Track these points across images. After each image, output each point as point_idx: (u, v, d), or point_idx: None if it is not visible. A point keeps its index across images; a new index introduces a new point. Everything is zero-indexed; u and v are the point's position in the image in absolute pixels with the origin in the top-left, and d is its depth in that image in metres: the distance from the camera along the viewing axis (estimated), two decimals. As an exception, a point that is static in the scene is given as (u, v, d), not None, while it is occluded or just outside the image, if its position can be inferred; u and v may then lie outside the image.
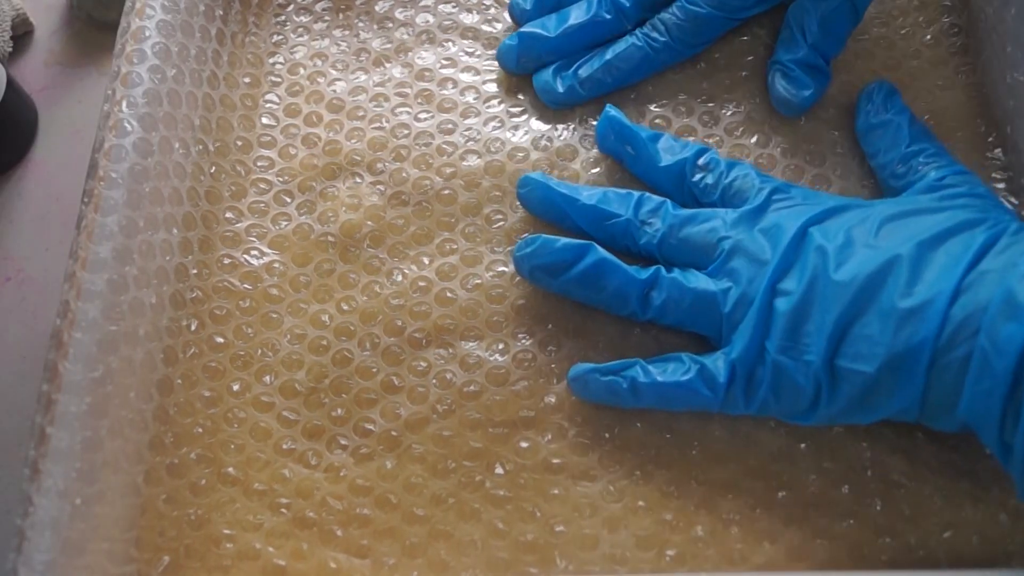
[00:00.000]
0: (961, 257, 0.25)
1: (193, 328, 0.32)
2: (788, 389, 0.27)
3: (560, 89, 0.35)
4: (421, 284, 0.33)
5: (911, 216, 0.28)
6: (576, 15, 0.36)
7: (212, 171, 0.35)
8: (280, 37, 0.39)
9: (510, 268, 0.33)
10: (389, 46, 0.39)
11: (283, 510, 0.30)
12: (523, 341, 0.32)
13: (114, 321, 0.29)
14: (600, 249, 0.30)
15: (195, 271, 0.33)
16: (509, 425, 0.31)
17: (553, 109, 0.36)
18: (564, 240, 0.30)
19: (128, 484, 0.29)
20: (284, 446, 0.31)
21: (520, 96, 0.37)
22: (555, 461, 0.30)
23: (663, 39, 0.35)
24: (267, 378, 0.32)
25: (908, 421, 0.27)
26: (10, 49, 0.44)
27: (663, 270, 0.30)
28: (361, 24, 0.39)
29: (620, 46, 0.35)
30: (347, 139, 0.36)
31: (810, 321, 0.27)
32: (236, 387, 0.32)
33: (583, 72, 0.35)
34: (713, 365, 0.28)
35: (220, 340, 0.32)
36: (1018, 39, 0.32)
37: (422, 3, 0.40)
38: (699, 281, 0.29)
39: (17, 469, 0.34)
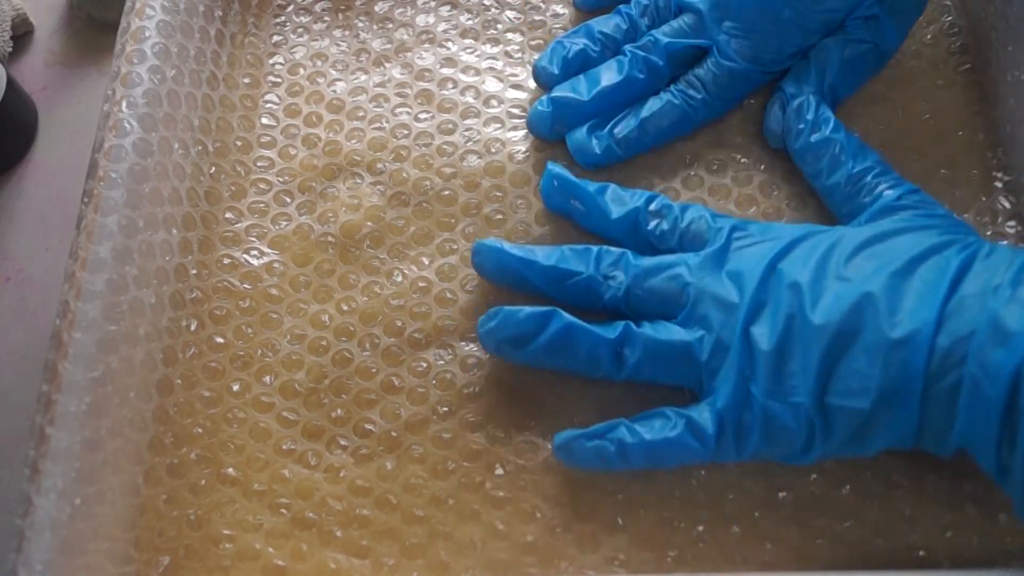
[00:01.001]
0: (938, 284, 0.25)
1: (193, 328, 0.32)
2: (780, 433, 0.26)
3: (597, 151, 0.34)
4: (421, 285, 0.33)
5: (878, 242, 0.27)
6: (608, 76, 0.34)
7: (212, 171, 0.35)
8: (280, 38, 0.39)
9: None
10: (389, 46, 0.39)
11: (283, 510, 0.30)
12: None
13: (114, 321, 0.29)
14: (565, 314, 0.29)
15: (195, 271, 0.33)
16: (509, 426, 0.31)
17: (585, 170, 0.34)
18: (527, 309, 0.29)
19: (128, 484, 0.29)
20: (284, 446, 0.31)
21: (520, 97, 0.37)
22: (555, 462, 0.30)
23: (700, 96, 0.34)
24: (267, 378, 0.32)
25: (904, 449, 0.26)
26: (10, 49, 0.44)
27: (632, 325, 0.29)
28: (361, 24, 0.39)
29: (656, 104, 0.34)
30: (347, 139, 0.36)
31: (793, 361, 0.26)
32: (236, 387, 0.32)
33: (619, 132, 0.34)
34: (700, 416, 0.27)
35: (220, 340, 0.32)
36: (1020, 38, 0.32)
37: (422, 3, 0.40)
38: (671, 332, 0.28)
39: (17, 469, 0.33)
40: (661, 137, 0.34)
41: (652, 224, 0.31)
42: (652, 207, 0.31)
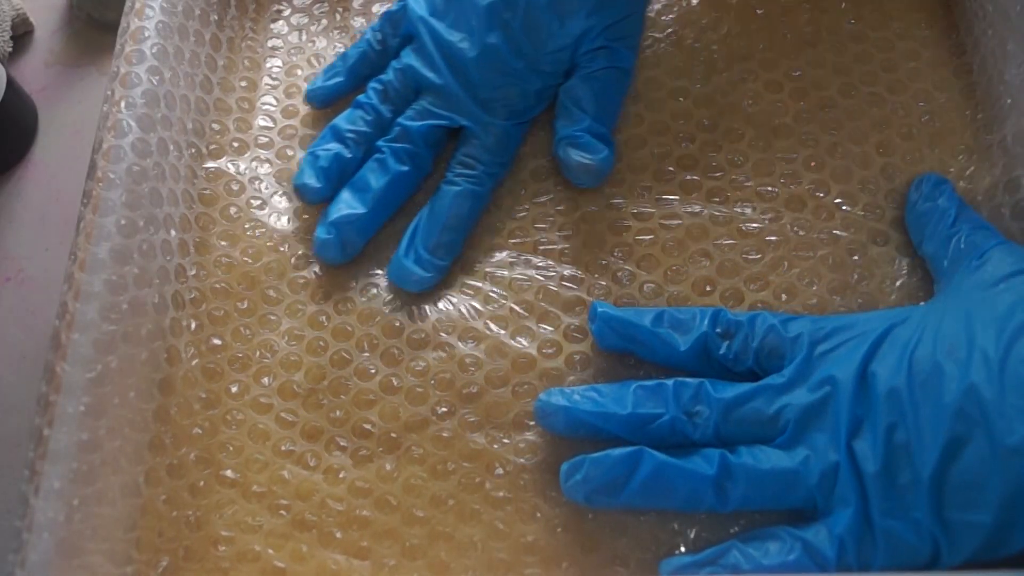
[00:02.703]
0: None
1: (192, 329, 0.32)
2: (904, 550, 0.25)
3: (427, 272, 0.32)
4: (420, 285, 0.33)
5: (964, 327, 0.26)
6: (375, 179, 0.33)
7: (206, 173, 0.35)
8: (277, 41, 0.39)
9: (508, 272, 0.33)
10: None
11: (282, 512, 0.30)
12: (521, 344, 0.32)
13: (113, 322, 0.29)
14: (654, 453, 0.27)
15: (193, 272, 0.33)
16: (509, 426, 0.31)
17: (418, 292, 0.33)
18: (613, 454, 0.27)
19: (129, 484, 0.29)
20: (283, 448, 0.31)
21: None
22: (555, 462, 0.30)
23: (478, 169, 0.34)
24: (265, 379, 0.32)
25: None
26: (10, 49, 0.44)
27: (729, 457, 0.27)
28: (358, 26, 0.39)
29: (446, 200, 0.33)
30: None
31: (901, 475, 0.25)
32: (234, 388, 0.32)
33: (430, 244, 0.33)
34: (817, 540, 0.26)
35: (217, 342, 0.32)
36: (1019, 37, 0.32)
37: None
38: (773, 459, 0.27)
39: (17, 470, 0.34)
40: (467, 225, 0.33)
41: (723, 348, 0.29)
42: (719, 329, 0.29)
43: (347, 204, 0.33)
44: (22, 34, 0.45)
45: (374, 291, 0.33)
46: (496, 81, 0.34)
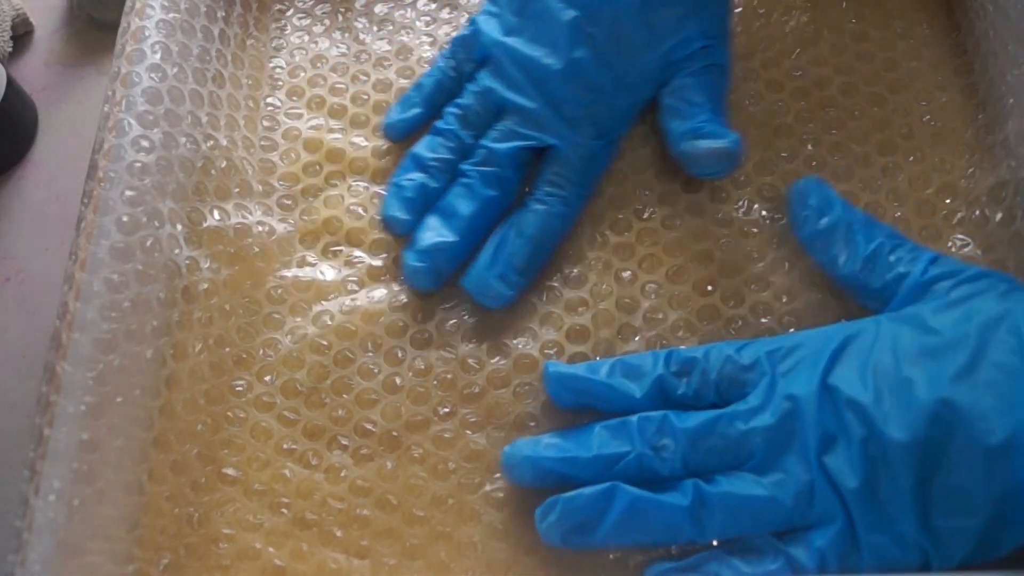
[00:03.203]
0: (1018, 372, 0.23)
1: (202, 322, 0.32)
2: (893, 562, 0.25)
3: (510, 291, 0.32)
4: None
5: (927, 333, 0.26)
6: (463, 205, 0.33)
7: (223, 166, 0.35)
8: (280, 41, 0.39)
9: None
10: (389, 48, 0.39)
11: (283, 510, 0.30)
12: (523, 344, 0.32)
13: (114, 321, 0.29)
14: (627, 488, 0.27)
15: (196, 266, 0.33)
16: (510, 427, 0.31)
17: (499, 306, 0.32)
18: (585, 492, 0.27)
19: (132, 482, 0.29)
20: (284, 446, 0.31)
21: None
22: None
23: (566, 189, 0.33)
24: (268, 377, 0.32)
25: None
26: (10, 49, 0.44)
27: (703, 485, 0.27)
28: (360, 26, 0.39)
29: (534, 218, 0.32)
30: (349, 145, 0.36)
31: (883, 486, 0.25)
32: (237, 386, 0.32)
33: (519, 260, 0.32)
34: (799, 555, 0.26)
35: (223, 337, 0.32)
36: (1019, 36, 0.32)
37: (422, 5, 0.40)
38: (748, 486, 0.26)
39: (17, 470, 0.33)
40: (553, 246, 0.33)
41: (682, 387, 0.29)
42: (673, 368, 0.29)
43: (437, 232, 0.33)
44: (22, 34, 0.45)
45: (379, 293, 0.33)
46: (583, 98, 0.33)
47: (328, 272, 0.34)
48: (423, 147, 0.34)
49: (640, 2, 0.32)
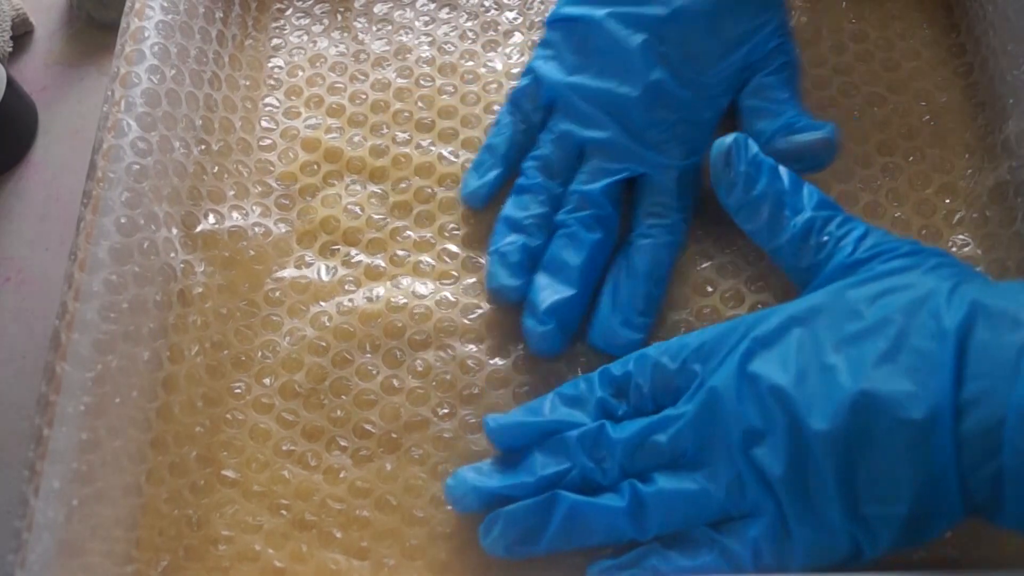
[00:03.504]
0: (938, 359, 0.23)
1: (198, 325, 0.32)
2: (824, 551, 0.25)
3: (638, 334, 0.31)
4: (421, 288, 0.33)
5: (846, 316, 0.26)
6: (571, 256, 0.31)
7: (215, 171, 0.35)
8: (279, 40, 0.39)
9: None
10: (388, 48, 0.39)
11: (282, 511, 0.30)
12: (522, 345, 0.32)
13: (114, 321, 0.29)
14: (566, 494, 0.27)
15: (191, 270, 0.33)
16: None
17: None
18: (527, 502, 0.27)
19: (130, 484, 0.29)
20: (283, 447, 0.31)
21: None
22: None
23: (670, 217, 0.32)
24: (267, 379, 0.32)
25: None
26: (10, 49, 0.44)
27: (639, 486, 0.27)
28: (359, 25, 0.39)
29: (643, 254, 0.32)
30: (347, 144, 0.36)
31: (809, 476, 0.25)
32: (236, 388, 0.32)
33: (638, 300, 0.31)
34: (732, 545, 0.26)
35: (221, 340, 0.32)
36: (1019, 37, 0.32)
37: (421, 5, 0.40)
38: (680, 482, 0.27)
39: (17, 470, 0.33)
40: (668, 277, 0.32)
41: (622, 409, 0.29)
42: (610, 391, 0.29)
43: (552, 289, 0.31)
44: (22, 34, 0.45)
45: (376, 293, 0.33)
46: (667, 119, 0.32)
47: (325, 272, 0.34)
48: (513, 208, 0.33)
49: (709, 14, 0.32)
